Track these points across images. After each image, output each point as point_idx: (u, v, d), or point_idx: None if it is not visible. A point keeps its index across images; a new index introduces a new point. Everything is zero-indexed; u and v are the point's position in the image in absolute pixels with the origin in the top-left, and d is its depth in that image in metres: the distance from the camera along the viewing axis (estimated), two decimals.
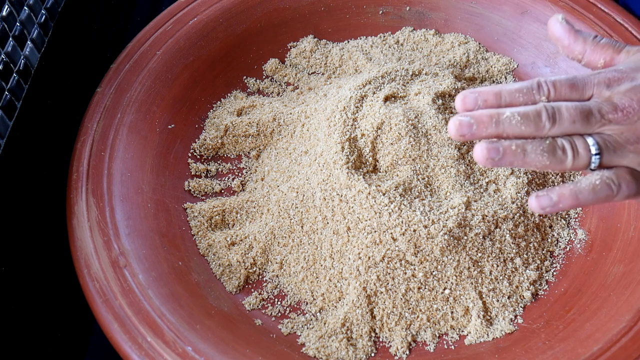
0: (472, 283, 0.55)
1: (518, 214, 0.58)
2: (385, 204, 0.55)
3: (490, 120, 0.43)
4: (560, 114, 0.43)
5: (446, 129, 0.59)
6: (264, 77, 0.72)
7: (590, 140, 0.44)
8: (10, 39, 0.57)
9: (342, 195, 0.57)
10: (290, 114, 0.65)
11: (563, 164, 0.44)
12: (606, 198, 0.44)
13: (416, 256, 0.54)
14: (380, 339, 0.54)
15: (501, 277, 0.56)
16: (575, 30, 0.49)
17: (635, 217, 0.57)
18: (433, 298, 0.54)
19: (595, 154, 0.44)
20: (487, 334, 0.54)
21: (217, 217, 0.60)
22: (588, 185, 0.44)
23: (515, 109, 0.44)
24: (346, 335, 0.53)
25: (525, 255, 0.57)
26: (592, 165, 0.44)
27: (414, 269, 0.54)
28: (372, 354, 0.53)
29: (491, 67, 0.71)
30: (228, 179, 0.64)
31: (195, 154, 0.65)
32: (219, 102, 0.69)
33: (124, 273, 0.52)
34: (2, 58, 0.55)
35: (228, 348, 0.50)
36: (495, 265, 0.56)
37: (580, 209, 0.61)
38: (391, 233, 0.54)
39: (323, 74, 0.72)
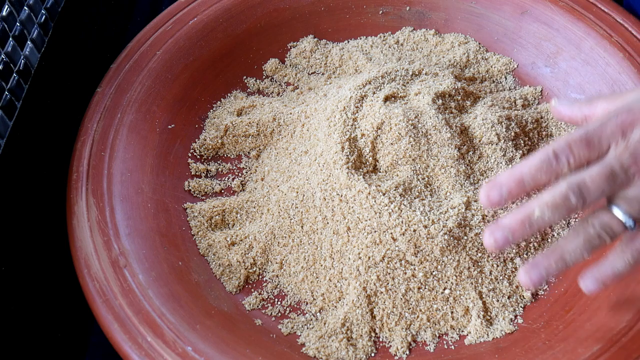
0: (472, 283, 0.55)
1: None
2: (385, 204, 0.55)
3: (524, 226, 0.44)
4: (587, 188, 0.43)
5: (446, 128, 0.59)
6: (264, 77, 0.71)
7: (619, 214, 0.44)
8: (10, 39, 0.57)
9: (342, 195, 0.56)
10: (290, 114, 0.65)
11: (604, 245, 0.45)
12: None
13: (416, 256, 0.54)
14: (380, 339, 0.54)
15: (501, 277, 0.56)
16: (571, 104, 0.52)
17: None
18: (433, 298, 0.54)
19: (630, 226, 0.44)
20: (487, 334, 0.54)
21: (217, 217, 0.60)
22: (625, 264, 0.46)
23: (543, 200, 0.43)
24: (346, 335, 0.53)
25: (525, 255, 0.57)
26: (629, 230, 0.45)
27: (414, 269, 0.54)
28: (372, 354, 0.53)
29: (491, 67, 0.71)
30: (228, 179, 0.64)
31: (195, 154, 0.65)
32: (219, 102, 0.69)
33: (124, 273, 0.52)
34: (2, 58, 0.55)
35: (228, 348, 0.50)
36: (495, 265, 0.56)
37: None
38: (391, 233, 0.54)
39: (323, 74, 0.72)
